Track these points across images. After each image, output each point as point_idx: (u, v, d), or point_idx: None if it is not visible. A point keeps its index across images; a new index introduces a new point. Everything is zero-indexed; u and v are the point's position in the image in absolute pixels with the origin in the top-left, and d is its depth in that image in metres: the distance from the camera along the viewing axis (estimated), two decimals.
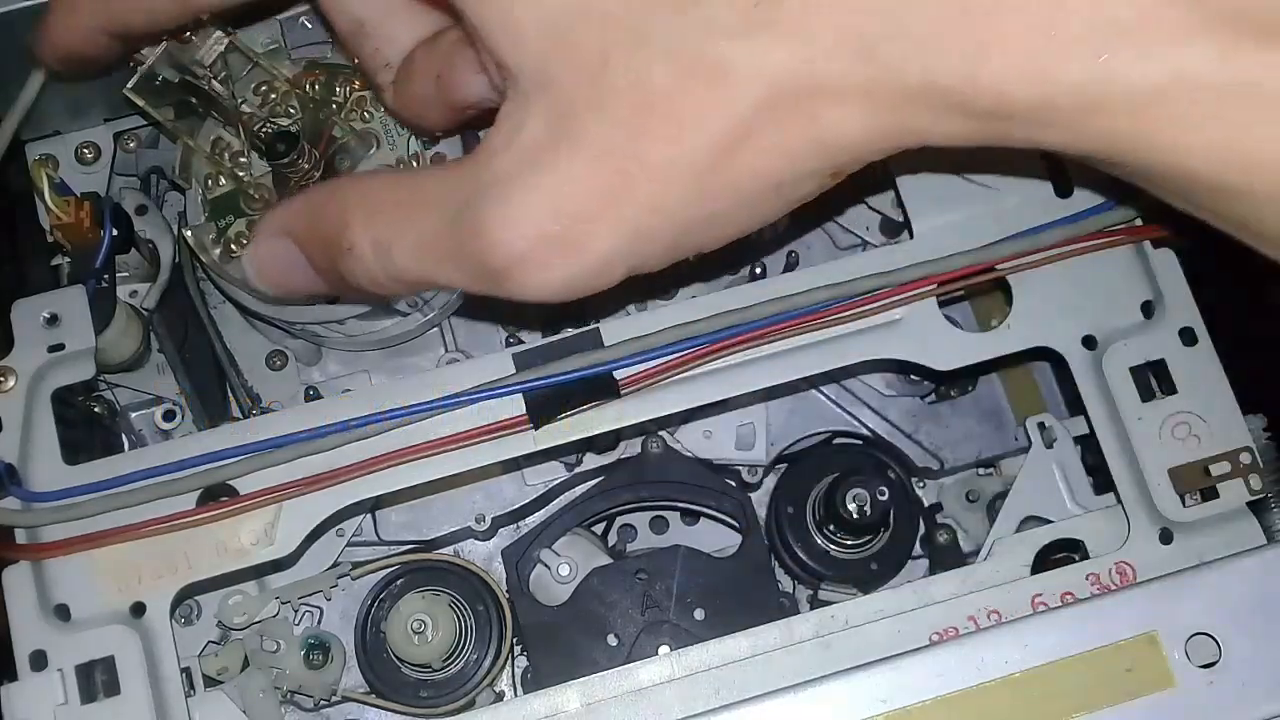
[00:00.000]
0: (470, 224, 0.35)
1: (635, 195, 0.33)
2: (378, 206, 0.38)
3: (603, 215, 0.33)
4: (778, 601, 0.48)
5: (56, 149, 0.54)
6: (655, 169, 0.33)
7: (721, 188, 0.33)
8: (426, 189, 0.37)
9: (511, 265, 0.34)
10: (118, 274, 0.50)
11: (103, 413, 0.50)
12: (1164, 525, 0.44)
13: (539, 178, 0.33)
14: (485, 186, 0.34)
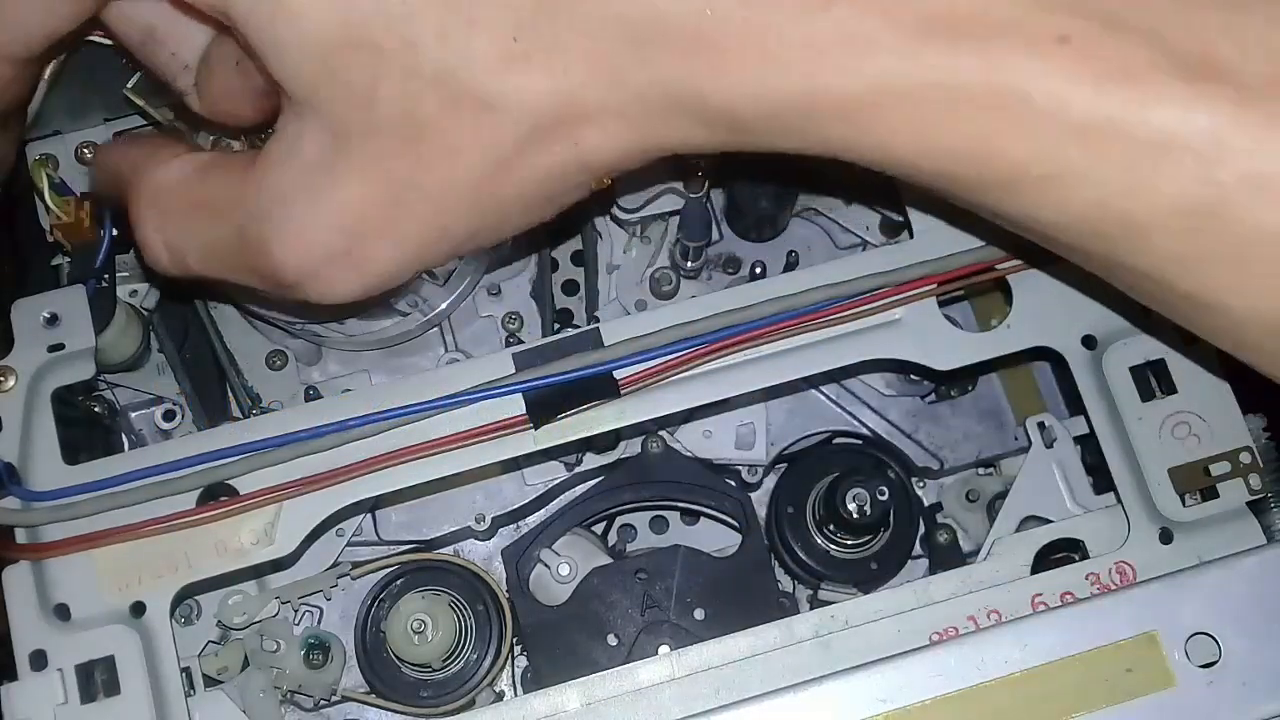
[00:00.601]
0: (255, 240, 0.37)
1: (414, 215, 0.35)
2: (169, 209, 0.39)
3: (383, 235, 0.36)
4: (778, 601, 0.48)
5: (56, 149, 0.54)
6: (431, 192, 0.35)
7: (495, 205, 0.36)
8: (214, 195, 0.38)
9: (299, 280, 0.37)
10: (118, 274, 0.50)
11: (103, 413, 0.50)
12: (1164, 525, 0.44)
13: (319, 199, 0.35)
14: (268, 203, 0.36)
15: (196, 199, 0.39)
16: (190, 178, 0.39)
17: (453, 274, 0.49)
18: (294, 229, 0.36)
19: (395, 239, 0.36)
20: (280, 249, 0.36)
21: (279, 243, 0.36)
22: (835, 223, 0.52)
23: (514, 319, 0.52)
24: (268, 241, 0.36)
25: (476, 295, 0.52)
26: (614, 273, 0.52)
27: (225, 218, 0.38)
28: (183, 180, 0.39)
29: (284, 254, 0.36)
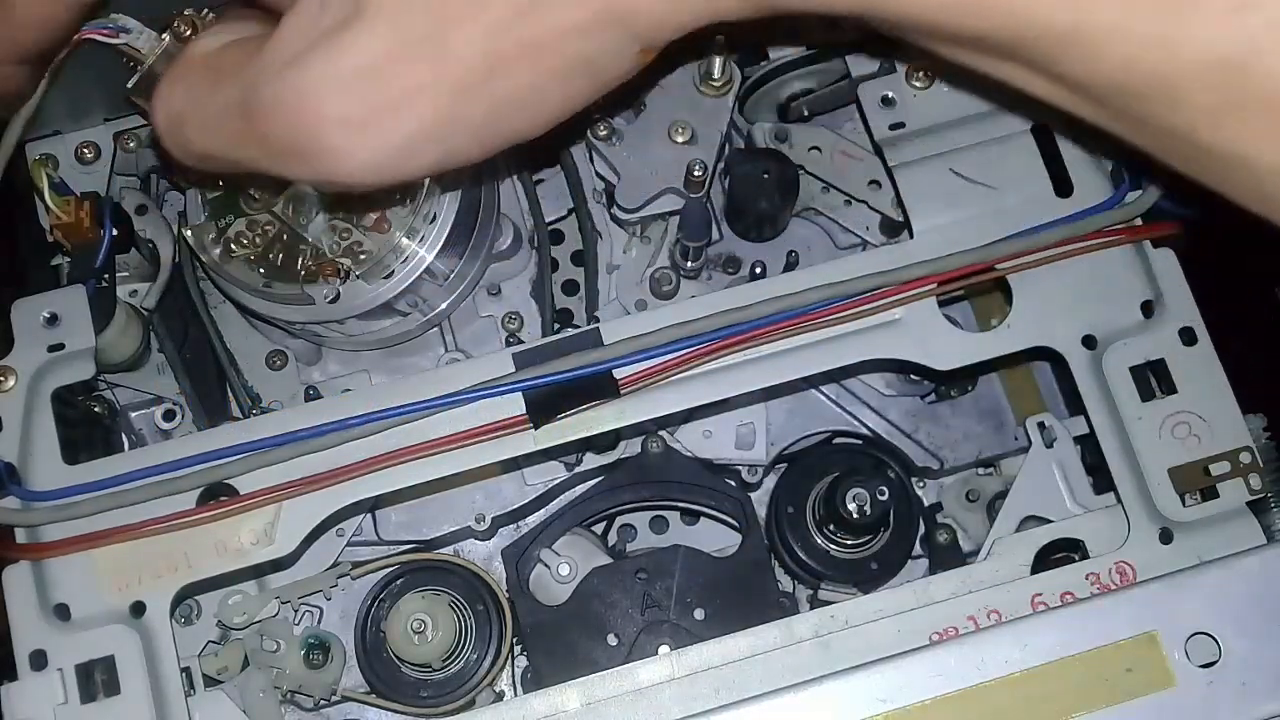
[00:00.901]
0: (263, 103, 0.34)
1: (437, 75, 0.33)
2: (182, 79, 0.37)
3: (404, 96, 0.33)
4: (778, 601, 0.48)
5: (56, 149, 0.54)
6: (455, 48, 0.33)
7: (523, 63, 0.33)
8: (228, 63, 0.36)
9: (307, 149, 0.34)
10: (118, 274, 0.50)
11: (103, 412, 0.50)
12: (1164, 525, 0.44)
13: (333, 58, 0.33)
14: (279, 64, 0.34)
15: (208, 67, 0.37)
16: (213, 51, 0.37)
17: (453, 274, 0.49)
18: (301, 85, 0.33)
19: (416, 101, 0.33)
20: (285, 107, 0.34)
21: (284, 100, 0.34)
22: (835, 223, 0.53)
23: (514, 319, 0.52)
24: (272, 100, 0.34)
25: (476, 295, 0.52)
26: (614, 273, 0.52)
27: (233, 85, 0.35)
28: (203, 52, 0.38)
29: (289, 113, 0.33)
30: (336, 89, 0.33)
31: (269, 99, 0.34)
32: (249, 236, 0.47)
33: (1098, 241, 0.46)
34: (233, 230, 0.47)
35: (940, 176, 0.47)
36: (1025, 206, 0.46)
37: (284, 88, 0.34)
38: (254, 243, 0.47)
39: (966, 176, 0.47)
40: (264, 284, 0.47)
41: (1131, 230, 0.46)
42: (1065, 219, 0.46)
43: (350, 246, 0.47)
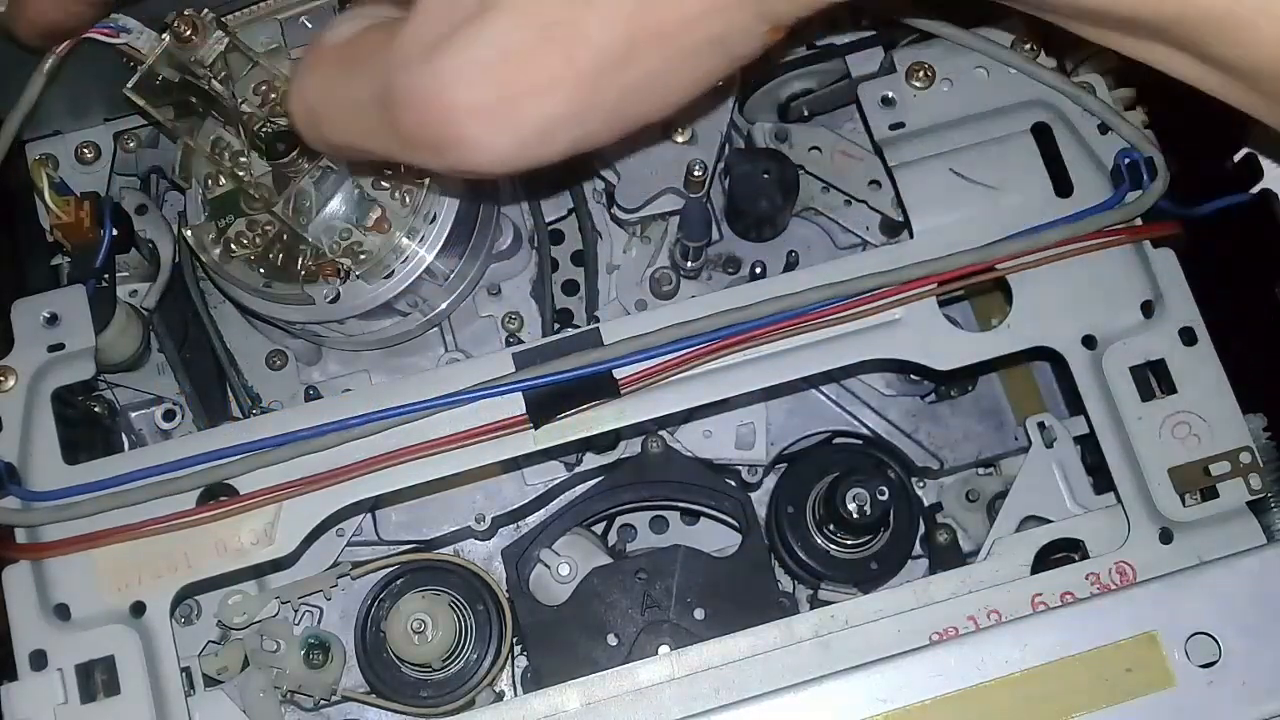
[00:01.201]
0: (396, 93, 0.34)
1: (570, 63, 0.33)
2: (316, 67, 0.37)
3: (539, 81, 0.33)
4: (778, 601, 0.48)
5: (56, 149, 0.54)
6: (588, 31, 0.32)
7: (658, 45, 0.33)
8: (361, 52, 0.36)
9: (442, 137, 0.34)
10: (118, 274, 0.50)
11: (103, 412, 0.50)
12: (1164, 525, 0.44)
13: (469, 42, 0.33)
14: (412, 53, 0.33)
15: (344, 57, 0.36)
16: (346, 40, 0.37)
17: (453, 274, 0.49)
18: (437, 77, 0.33)
19: (550, 86, 0.33)
20: (422, 100, 0.33)
21: (420, 93, 0.33)
22: (835, 223, 0.53)
23: (514, 319, 0.52)
24: (408, 93, 0.34)
25: (476, 295, 0.52)
26: (614, 273, 0.52)
27: (369, 75, 0.35)
28: (338, 41, 0.37)
29: (426, 105, 0.33)
30: (471, 80, 0.33)
31: (404, 92, 0.34)
32: (249, 236, 0.47)
33: (1098, 241, 0.46)
34: (233, 230, 0.47)
35: (940, 176, 0.47)
36: (1025, 206, 0.46)
37: (419, 80, 0.33)
38: (254, 243, 0.47)
39: (966, 176, 0.47)
40: (264, 284, 0.47)
41: (1131, 230, 0.46)
42: (1065, 219, 0.46)
43: (350, 246, 0.47)
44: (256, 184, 0.47)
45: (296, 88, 0.38)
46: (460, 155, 0.34)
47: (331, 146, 0.38)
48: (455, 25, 0.33)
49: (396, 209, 0.47)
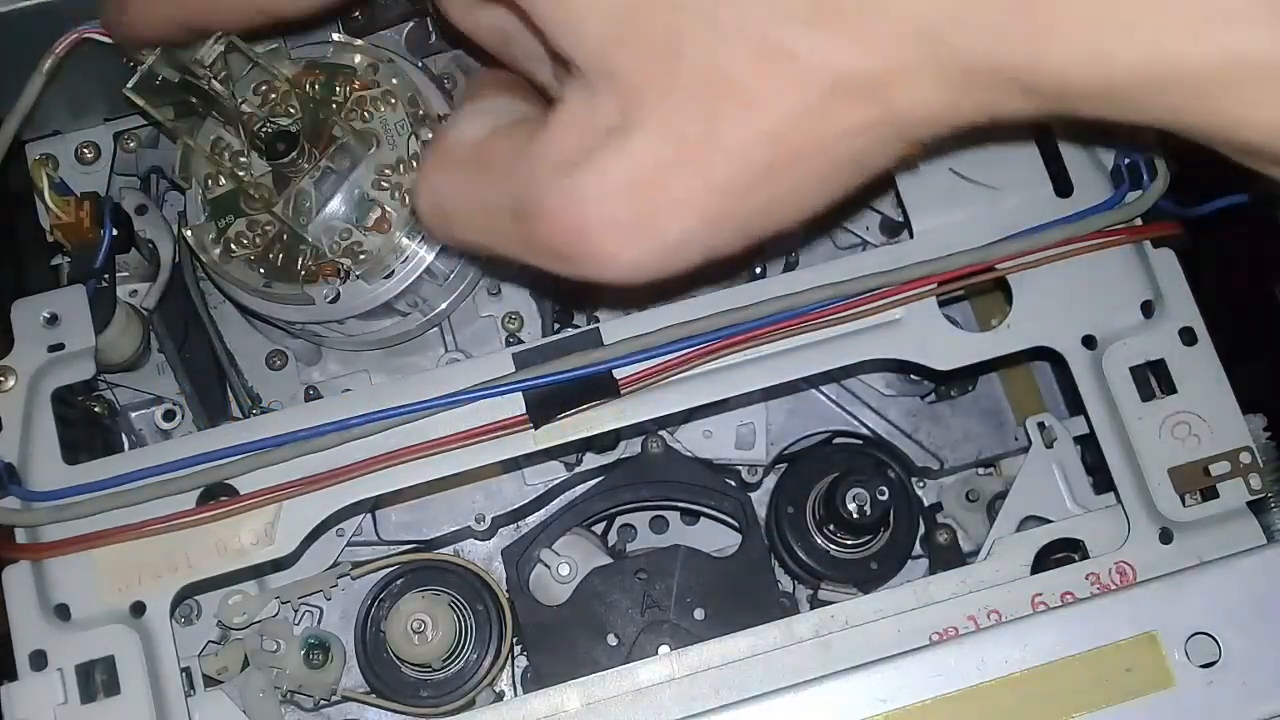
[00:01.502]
0: (532, 207, 0.34)
1: (709, 177, 0.33)
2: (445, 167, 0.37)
3: (675, 198, 0.33)
4: (778, 601, 0.48)
5: (56, 149, 0.54)
6: (728, 151, 0.32)
7: (795, 166, 0.33)
8: (493, 159, 0.36)
9: (578, 251, 0.34)
10: (118, 274, 0.50)
11: (103, 413, 0.50)
12: (1164, 525, 0.44)
13: (609, 160, 0.33)
14: (549, 168, 0.34)
15: (476, 160, 0.37)
16: (476, 141, 0.37)
17: (453, 274, 0.49)
18: (575, 195, 0.33)
19: (686, 205, 0.33)
20: (559, 216, 0.34)
21: (558, 209, 0.34)
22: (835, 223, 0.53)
23: (514, 319, 0.52)
24: (545, 208, 0.34)
25: (476, 295, 0.52)
26: None
27: (501, 183, 0.35)
28: (468, 141, 0.37)
29: (563, 222, 0.33)
30: (609, 199, 0.33)
31: (542, 208, 0.34)
32: (249, 236, 0.47)
33: (1098, 241, 0.45)
34: (233, 230, 0.47)
35: (940, 177, 0.47)
36: (1025, 206, 0.46)
37: (557, 197, 0.34)
38: (254, 243, 0.47)
39: (966, 176, 0.47)
40: (264, 284, 0.47)
41: (1131, 230, 0.46)
42: (1065, 219, 0.46)
43: (350, 246, 0.47)
44: (256, 184, 0.47)
45: (426, 185, 0.38)
46: (593, 268, 0.34)
47: (460, 245, 0.38)
48: (593, 141, 0.33)
49: (396, 209, 0.47)
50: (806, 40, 0.31)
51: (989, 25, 0.30)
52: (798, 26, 0.31)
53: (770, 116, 0.32)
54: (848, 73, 0.31)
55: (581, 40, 0.33)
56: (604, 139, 0.33)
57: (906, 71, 0.31)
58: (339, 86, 0.48)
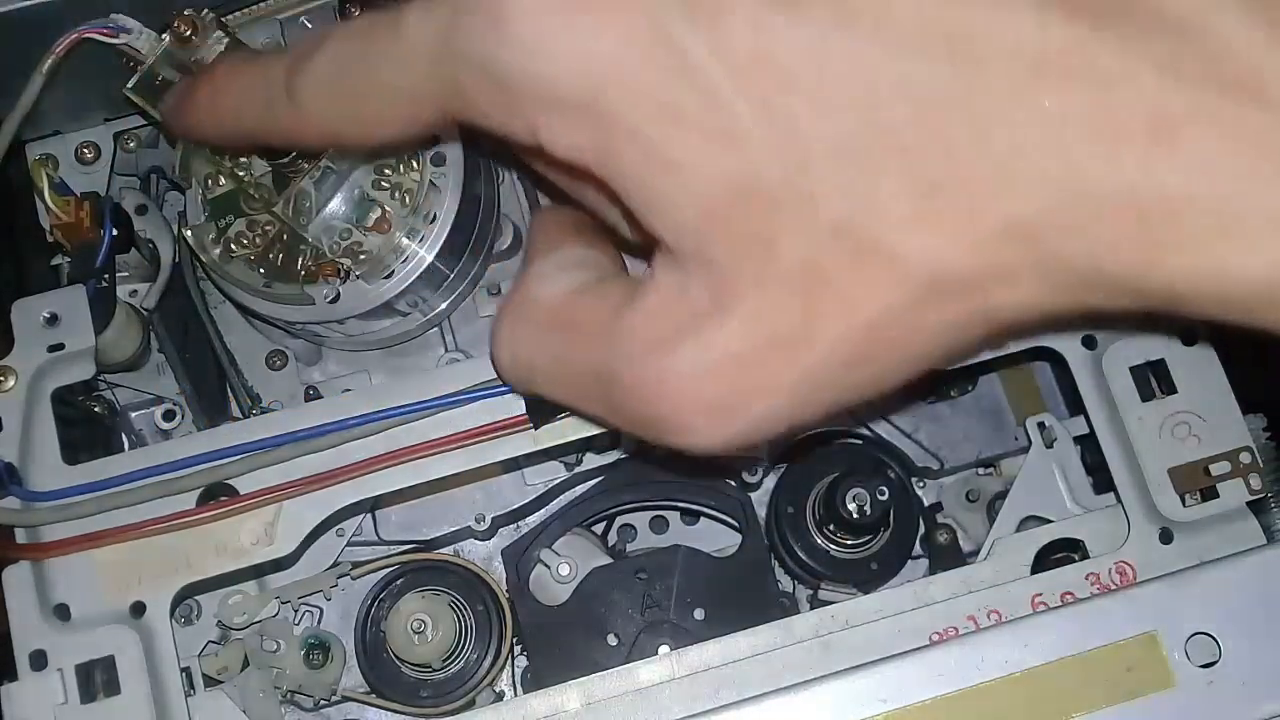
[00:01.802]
0: (622, 382, 0.34)
1: (798, 366, 0.33)
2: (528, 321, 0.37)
3: (764, 384, 0.33)
4: (778, 601, 0.48)
5: (56, 149, 0.54)
6: (819, 343, 0.32)
7: (885, 354, 0.33)
8: (580, 323, 0.36)
9: (665, 428, 0.35)
10: (118, 274, 0.50)
11: (103, 413, 0.50)
12: (1164, 525, 0.44)
13: (700, 343, 0.33)
14: (641, 348, 0.34)
15: (561, 320, 0.37)
16: (560, 299, 0.37)
17: (453, 274, 0.49)
18: (668, 378, 0.34)
19: (775, 390, 0.33)
20: (651, 396, 0.34)
21: (649, 388, 0.34)
22: None
23: None
24: (636, 385, 0.34)
25: (476, 295, 0.52)
26: None
27: (588, 350, 0.35)
28: (552, 299, 0.37)
29: (653, 400, 0.34)
30: (699, 381, 0.33)
31: (629, 382, 0.34)
32: (249, 236, 0.47)
33: None
34: (233, 230, 0.47)
35: None
36: None
37: (647, 374, 0.34)
38: (254, 243, 0.47)
39: None
40: (264, 284, 0.47)
41: None
42: None
43: (350, 246, 0.47)
44: (256, 184, 0.47)
45: (508, 339, 0.38)
46: (679, 440, 0.35)
47: (535, 394, 0.38)
48: (684, 322, 0.33)
49: (396, 209, 0.47)
50: (906, 240, 0.30)
51: (1100, 234, 0.29)
52: (898, 226, 0.30)
53: (865, 312, 0.32)
54: (948, 273, 0.31)
55: (673, 227, 0.32)
56: (695, 321, 0.33)
57: (1007, 272, 0.31)
58: None
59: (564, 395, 0.38)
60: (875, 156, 0.30)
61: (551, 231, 0.40)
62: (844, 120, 0.30)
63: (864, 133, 0.30)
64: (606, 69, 0.31)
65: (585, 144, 0.32)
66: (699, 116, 0.31)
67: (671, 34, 0.30)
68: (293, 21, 0.50)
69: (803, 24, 0.30)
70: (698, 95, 0.30)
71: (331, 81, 0.36)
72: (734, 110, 0.30)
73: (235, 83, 0.40)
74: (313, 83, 0.36)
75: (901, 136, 0.30)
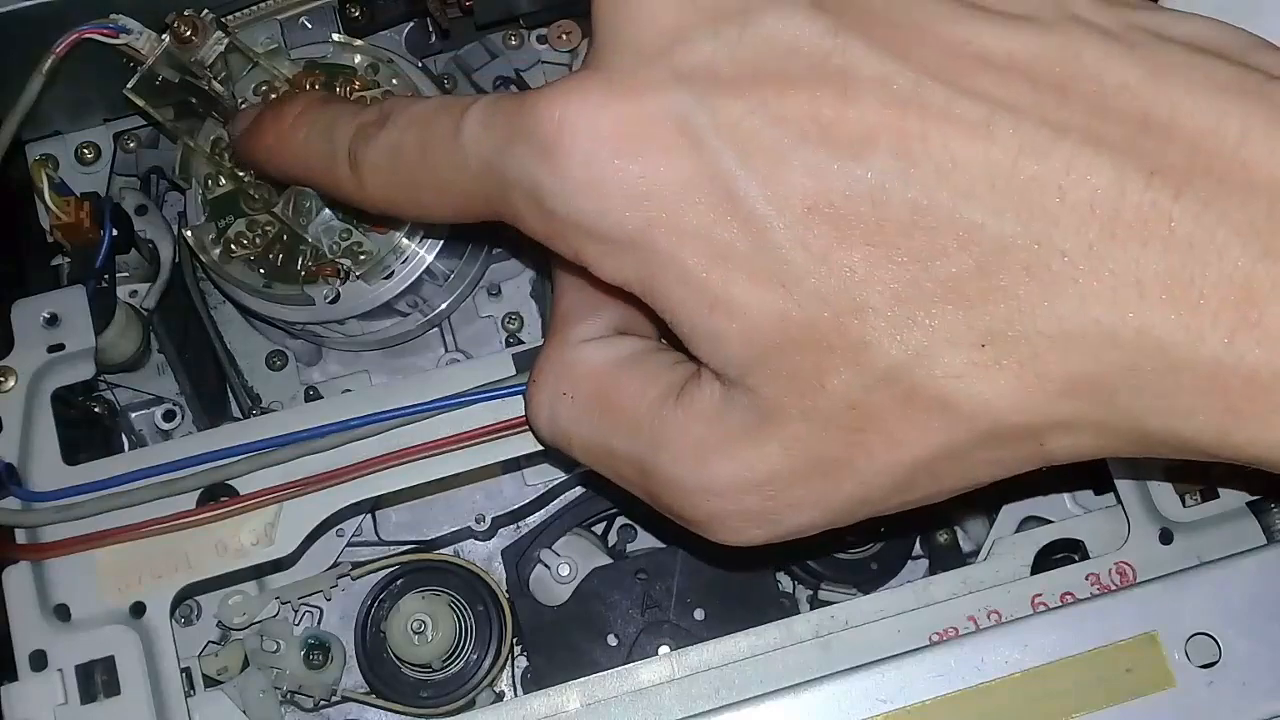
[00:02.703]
0: (661, 476, 0.34)
1: (839, 491, 0.33)
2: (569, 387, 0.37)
3: (803, 501, 0.33)
4: (778, 601, 0.48)
5: (56, 149, 0.54)
6: (862, 473, 0.32)
7: (929, 486, 0.33)
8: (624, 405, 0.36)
9: (702, 523, 0.35)
10: (118, 274, 0.50)
11: (103, 413, 0.50)
12: (1164, 525, 0.44)
13: (744, 460, 0.33)
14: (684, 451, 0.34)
15: (604, 397, 0.36)
16: (604, 371, 0.37)
17: (453, 274, 0.49)
18: (711, 484, 0.34)
19: (813, 506, 0.33)
20: (692, 498, 0.34)
21: (691, 493, 0.34)
22: None
23: (514, 319, 0.52)
24: (678, 487, 0.34)
25: (476, 295, 0.52)
26: None
27: (632, 439, 0.35)
28: (595, 370, 0.37)
29: (695, 504, 0.34)
30: (739, 493, 0.33)
31: (668, 480, 0.34)
32: (249, 237, 0.47)
33: None
34: (233, 231, 0.47)
35: None
36: None
37: (688, 478, 0.34)
38: (254, 243, 0.47)
39: None
40: (264, 284, 0.47)
41: None
42: None
43: (350, 247, 0.47)
44: (256, 184, 0.47)
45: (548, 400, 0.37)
46: (713, 536, 0.35)
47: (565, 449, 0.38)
48: (730, 434, 0.33)
49: None
50: (961, 389, 0.30)
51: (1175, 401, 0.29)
52: (953, 374, 0.30)
53: (913, 452, 0.32)
54: (1003, 423, 0.30)
55: (720, 359, 0.32)
56: (742, 435, 0.33)
57: (1067, 423, 0.30)
58: (339, 86, 0.47)
59: (601, 469, 0.37)
60: (934, 306, 0.29)
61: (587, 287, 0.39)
62: (903, 269, 0.29)
63: (923, 282, 0.29)
64: (656, 211, 0.31)
65: (631, 274, 0.32)
66: (750, 260, 0.30)
67: (725, 179, 0.30)
68: (293, 21, 0.50)
69: (863, 172, 0.29)
70: (750, 239, 0.30)
71: (391, 167, 0.36)
72: (788, 257, 0.30)
73: (301, 134, 0.39)
74: (373, 161, 0.36)
75: (963, 287, 0.29)
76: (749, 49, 0.30)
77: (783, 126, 0.30)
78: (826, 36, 0.30)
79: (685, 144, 0.30)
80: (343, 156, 0.37)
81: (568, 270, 0.39)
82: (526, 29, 0.53)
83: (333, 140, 0.38)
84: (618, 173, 0.31)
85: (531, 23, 0.53)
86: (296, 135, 0.40)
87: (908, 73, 0.29)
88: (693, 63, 0.31)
